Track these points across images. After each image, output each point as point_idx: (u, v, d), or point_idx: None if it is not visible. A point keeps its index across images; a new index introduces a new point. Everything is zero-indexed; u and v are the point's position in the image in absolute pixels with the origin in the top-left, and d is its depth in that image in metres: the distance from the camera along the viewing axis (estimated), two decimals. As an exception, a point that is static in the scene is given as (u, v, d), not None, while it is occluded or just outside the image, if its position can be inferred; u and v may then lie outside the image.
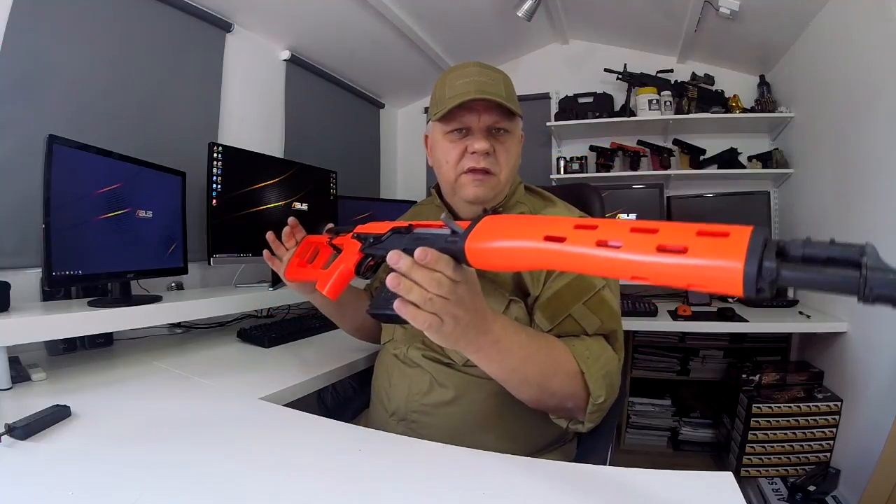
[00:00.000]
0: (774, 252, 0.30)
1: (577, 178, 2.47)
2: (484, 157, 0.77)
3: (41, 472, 0.55)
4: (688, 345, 2.24)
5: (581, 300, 0.73)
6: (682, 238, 0.32)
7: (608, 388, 0.67)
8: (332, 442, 0.64)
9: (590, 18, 2.40)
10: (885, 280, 0.27)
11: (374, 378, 0.93)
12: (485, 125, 0.77)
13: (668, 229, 0.34)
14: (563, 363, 0.66)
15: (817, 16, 1.81)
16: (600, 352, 0.71)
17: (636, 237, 0.34)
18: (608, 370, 0.69)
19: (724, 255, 0.30)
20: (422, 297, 0.49)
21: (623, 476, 0.52)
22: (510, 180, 0.83)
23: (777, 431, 1.73)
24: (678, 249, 0.32)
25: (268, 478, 0.54)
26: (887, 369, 1.43)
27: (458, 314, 0.51)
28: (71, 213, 0.97)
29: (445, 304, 0.50)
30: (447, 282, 0.49)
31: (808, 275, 0.29)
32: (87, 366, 1.01)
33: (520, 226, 0.43)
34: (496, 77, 0.79)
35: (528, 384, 0.64)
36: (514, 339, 0.60)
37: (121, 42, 1.41)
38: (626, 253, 0.34)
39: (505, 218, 0.48)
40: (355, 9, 1.87)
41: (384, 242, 0.63)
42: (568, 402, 0.67)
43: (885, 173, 1.48)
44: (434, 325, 0.50)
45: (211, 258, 1.38)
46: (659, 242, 0.33)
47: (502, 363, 0.61)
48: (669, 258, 0.32)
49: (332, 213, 1.85)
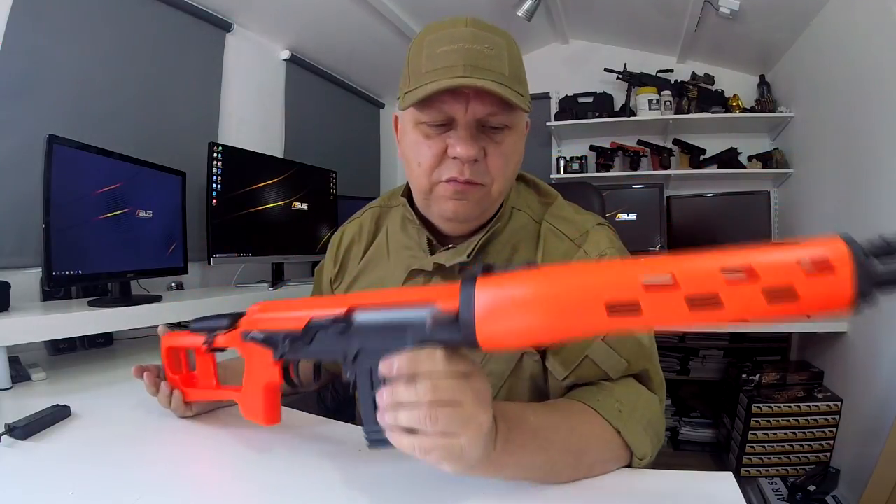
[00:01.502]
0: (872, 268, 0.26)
1: (577, 178, 2.47)
2: (470, 164, 0.55)
3: (41, 472, 0.55)
4: (688, 344, 2.24)
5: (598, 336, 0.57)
6: (788, 278, 0.27)
7: (653, 438, 0.53)
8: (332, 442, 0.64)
9: (590, 18, 2.40)
10: None
11: None
12: (474, 118, 0.54)
13: (765, 268, 0.28)
14: (592, 431, 0.50)
15: (817, 16, 1.81)
16: (635, 399, 0.55)
17: (738, 291, 0.28)
18: (649, 419, 0.54)
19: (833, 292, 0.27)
20: (423, 419, 0.34)
21: (623, 476, 0.52)
22: (505, 191, 0.61)
23: (777, 431, 1.73)
24: (789, 297, 0.28)
25: (268, 478, 0.54)
26: (887, 369, 1.43)
27: (481, 421, 0.36)
28: (71, 212, 0.97)
29: (455, 413, 0.35)
30: (447, 383, 0.35)
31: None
32: (87, 366, 1.01)
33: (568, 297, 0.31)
34: (498, 44, 0.56)
35: (557, 470, 0.48)
36: (524, 431, 0.45)
37: (121, 42, 1.41)
38: (730, 311, 0.28)
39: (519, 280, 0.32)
40: (355, 9, 1.87)
41: (312, 345, 0.44)
42: (610, 466, 0.52)
43: (886, 173, 1.48)
44: (448, 450, 0.35)
45: (211, 258, 1.38)
46: (763, 287, 0.28)
47: (518, 465, 0.44)
48: (781, 305, 0.28)
49: (332, 213, 1.85)
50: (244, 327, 0.53)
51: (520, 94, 0.56)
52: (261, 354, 0.51)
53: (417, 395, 0.34)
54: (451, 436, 0.35)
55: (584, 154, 2.53)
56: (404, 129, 0.62)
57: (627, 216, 2.31)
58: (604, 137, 2.52)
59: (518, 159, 0.61)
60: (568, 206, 0.68)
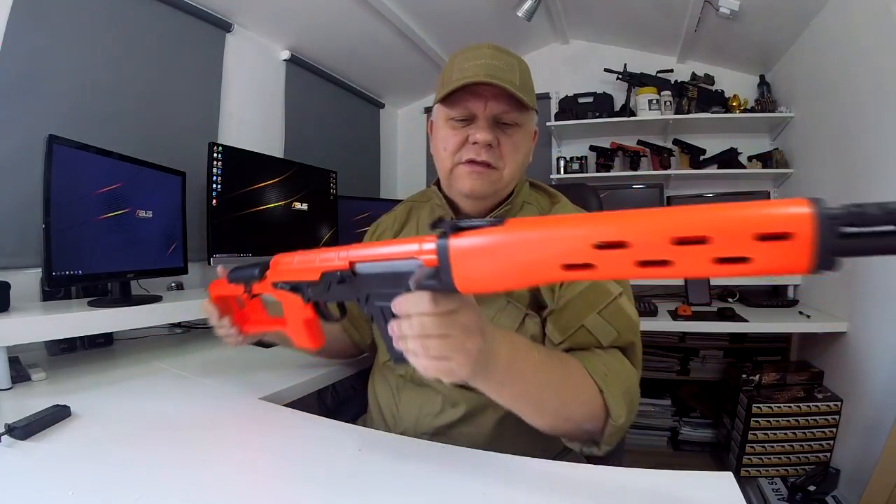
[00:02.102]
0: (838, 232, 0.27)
1: (577, 178, 2.47)
2: (486, 148, 0.69)
3: (41, 472, 0.55)
4: (688, 345, 2.24)
5: (595, 309, 0.66)
6: (742, 246, 0.29)
7: (629, 406, 0.61)
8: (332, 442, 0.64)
9: (590, 18, 2.40)
10: None
11: (376, 396, 0.84)
12: (491, 114, 0.70)
13: (721, 236, 0.29)
14: (581, 385, 0.59)
15: (817, 16, 1.81)
16: (619, 368, 0.64)
17: (686, 252, 0.30)
18: (628, 387, 0.62)
19: (791, 257, 0.28)
20: (417, 346, 0.43)
21: (623, 476, 0.52)
22: (515, 178, 0.75)
23: (777, 431, 1.73)
24: (739, 259, 0.29)
25: (268, 478, 0.54)
26: (887, 369, 1.43)
27: (468, 347, 0.44)
28: (71, 213, 0.97)
29: (444, 342, 0.43)
30: (431, 319, 0.42)
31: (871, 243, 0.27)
32: (87, 366, 1.01)
33: (524, 249, 0.36)
34: (511, 62, 0.70)
35: (544, 411, 0.57)
36: (527, 360, 0.53)
37: (121, 42, 1.41)
38: (679, 270, 0.30)
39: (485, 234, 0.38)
40: (355, 9, 1.87)
41: (330, 292, 0.54)
42: (586, 424, 0.60)
43: (886, 173, 1.48)
44: (441, 370, 0.44)
45: (211, 258, 1.38)
46: (715, 255, 0.29)
47: (514, 388, 0.53)
48: (730, 268, 0.29)
49: (333, 213, 1.85)
50: (272, 278, 0.63)
51: (527, 99, 0.69)
52: (292, 299, 0.61)
53: (412, 330, 0.43)
54: (443, 359, 0.44)
55: (584, 154, 2.53)
56: (437, 126, 0.76)
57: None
58: (604, 137, 2.52)
59: (526, 152, 0.75)
60: (572, 206, 0.80)
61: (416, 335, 0.43)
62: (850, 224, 0.27)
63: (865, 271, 1.58)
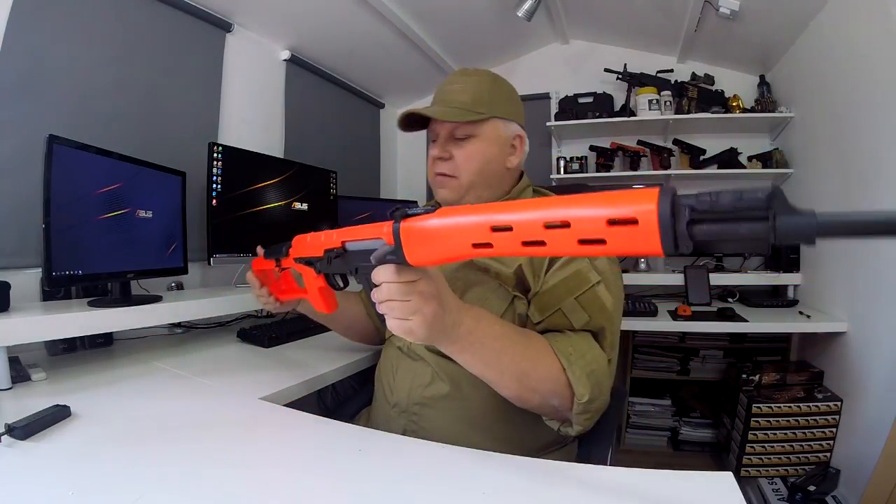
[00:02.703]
0: (685, 217, 0.32)
1: (577, 178, 2.47)
2: (440, 162, 0.83)
3: (41, 472, 0.55)
4: (688, 345, 2.24)
5: (573, 295, 0.72)
6: (597, 231, 0.35)
7: (594, 387, 0.65)
8: (332, 442, 0.64)
9: (590, 18, 2.40)
10: (791, 225, 0.29)
11: (379, 371, 0.93)
12: (445, 133, 0.83)
13: (579, 223, 0.36)
14: (542, 357, 0.65)
15: (817, 16, 1.81)
16: (586, 349, 0.69)
17: (556, 235, 0.37)
18: (594, 368, 0.67)
19: (640, 238, 0.33)
20: (386, 308, 0.53)
21: (623, 476, 0.52)
22: (475, 183, 0.83)
23: (777, 431, 1.73)
24: (597, 240, 0.35)
25: (268, 478, 0.54)
26: (887, 369, 1.43)
27: (424, 311, 0.52)
28: (71, 213, 0.97)
29: (405, 305, 0.52)
30: (394, 286, 0.52)
31: (721, 229, 0.32)
32: (87, 366, 1.01)
33: (447, 234, 0.46)
34: (467, 82, 0.82)
35: (507, 377, 0.64)
36: (488, 330, 0.61)
37: (121, 42, 1.41)
38: (553, 249, 0.38)
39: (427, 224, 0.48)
40: (355, 9, 1.87)
41: (331, 265, 0.67)
42: (552, 399, 0.66)
43: (886, 173, 1.48)
44: (403, 329, 0.53)
45: (211, 258, 1.38)
46: (578, 237, 0.36)
47: (475, 354, 0.61)
48: (592, 248, 0.36)
49: (333, 213, 1.85)
50: (293, 255, 0.79)
51: (478, 112, 0.80)
52: (308, 271, 0.76)
53: (380, 295, 0.53)
54: (404, 320, 0.53)
55: (584, 154, 2.53)
56: None
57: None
58: (604, 137, 2.52)
59: (482, 158, 0.82)
60: None
61: (385, 299, 0.53)
62: (696, 210, 0.32)
63: (865, 271, 1.58)
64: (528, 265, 0.77)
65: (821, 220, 0.29)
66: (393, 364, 0.88)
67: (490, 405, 0.77)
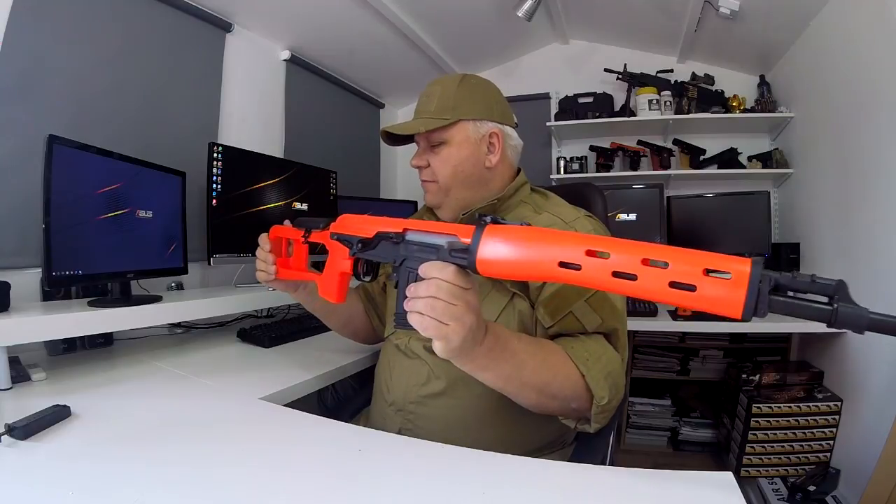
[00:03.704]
0: (768, 288, 0.36)
1: (577, 178, 2.47)
2: (421, 170, 0.87)
3: (41, 472, 0.55)
4: (688, 345, 2.24)
5: (583, 297, 0.72)
6: (692, 277, 0.37)
7: (611, 388, 0.66)
8: (332, 442, 0.64)
9: (590, 18, 2.40)
10: (849, 316, 0.35)
11: (377, 369, 0.93)
12: (424, 141, 0.86)
13: (678, 263, 0.38)
14: (560, 366, 0.66)
15: (817, 16, 1.81)
16: (601, 352, 0.69)
17: (650, 272, 0.38)
18: (610, 370, 0.68)
19: (728, 295, 0.36)
20: (425, 305, 0.50)
21: (623, 476, 0.52)
22: (451, 185, 0.85)
23: (777, 431, 1.73)
24: (688, 286, 0.37)
25: (268, 478, 0.54)
26: (887, 369, 1.43)
27: (465, 320, 0.51)
28: (71, 213, 0.97)
29: (449, 308, 0.50)
30: (446, 286, 0.50)
31: (792, 306, 0.37)
32: (87, 366, 1.01)
33: (532, 242, 0.45)
34: (433, 91, 0.84)
35: (527, 389, 0.63)
36: (507, 345, 0.60)
37: (121, 42, 1.41)
38: (641, 286, 0.39)
39: (511, 231, 0.48)
40: (355, 9, 1.87)
41: (376, 249, 0.64)
42: (572, 403, 0.67)
43: (886, 173, 1.48)
44: (439, 332, 0.50)
45: (211, 258, 1.38)
46: (671, 278, 0.38)
47: (497, 370, 0.60)
48: (679, 293, 0.37)
49: (333, 213, 1.85)
50: (333, 230, 0.74)
51: (443, 118, 0.82)
52: (341, 250, 0.72)
53: (427, 290, 0.50)
54: (442, 323, 0.50)
55: (584, 154, 2.53)
56: None
57: (627, 216, 2.30)
58: (604, 137, 2.52)
59: (455, 161, 0.84)
60: (564, 201, 0.88)
61: (429, 294, 0.50)
62: (780, 284, 0.36)
63: (865, 272, 1.58)
64: None
65: (872, 318, 0.35)
66: (390, 362, 0.88)
67: (485, 405, 0.77)
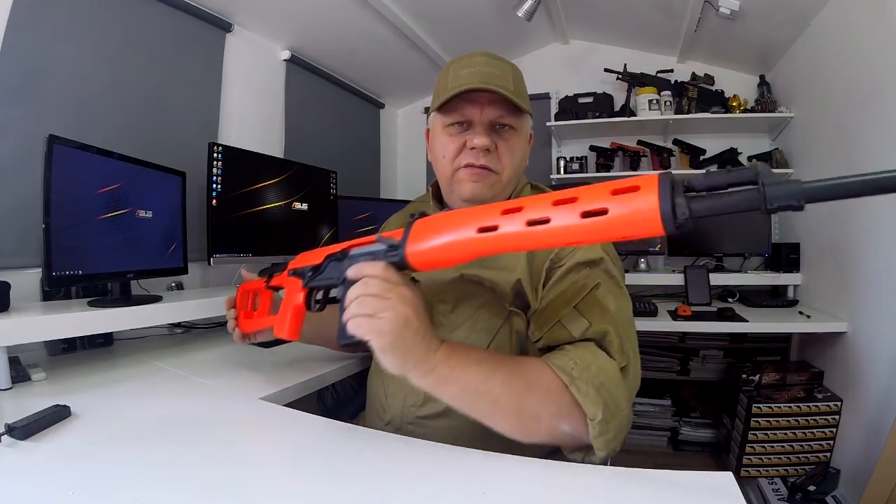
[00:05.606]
0: (682, 190, 0.35)
1: (578, 179, 2.47)
2: (484, 153, 0.71)
3: (41, 472, 0.55)
4: (688, 345, 2.24)
5: (572, 304, 0.65)
6: (601, 200, 0.37)
7: (607, 402, 0.56)
8: (332, 442, 0.64)
9: (590, 18, 2.40)
10: (780, 191, 0.32)
11: (369, 387, 0.88)
12: (487, 119, 0.71)
13: (586, 195, 0.38)
14: (537, 376, 0.57)
15: (817, 16, 1.81)
16: (590, 360, 0.59)
17: (561, 210, 0.38)
18: (602, 381, 0.57)
19: (640, 205, 0.35)
20: (357, 305, 0.49)
21: (623, 476, 0.52)
22: (513, 181, 0.76)
23: (777, 431, 1.73)
24: (600, 211, 0.36)
25: (268, 478, 0.54)
26: (887, 369, 1.43)
27: (398, 309, 0.48)
28: (71, 213, 0.97)
29: (380, 301, 0.48)
30: (374, 281, 0.49)
31: (716, 202, 0.34)
32: (87, 366, 1.01)
33: (452, 222, 0.46)
34: (505, 68, 0.73)
35: (500, 407, 0.55)
36: (469, 353, 0.55)
37: (121, 42, 1.41)
38: (556, 224, 0.38)
39: (435, 217, 0.48)
40: (355, 9, 1.87)
41: (324, 272, 0.62)
42: (561, 425, 0.56)
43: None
44: (371, 327, 0.48)
45: (211, 258, 1.38)
46: (581, 209, 0.37)
47: (460, 381, 0.54)
48: (594, 220, 0.37)
49: (333, 213, 1.85)
50: (290, 267, 0.72)
51: (522, 103, 0.72)
52: (295, 284, 0.69)
53: (356, 290, 0.50)
54: (374, 317, 0.48)
55: (584, 154, 2.53)
56: (434, 135, 0.78)
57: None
58: (604, 137, 2.52)
59: (522, 156, 0.77)
60: None
61: (359, 293, 0.49)
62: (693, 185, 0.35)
63: (865, 271, 1.58)
64: (527, 279, 0.70)
65: (806, 186, 0.32)
66: (384, 381, 0.81)
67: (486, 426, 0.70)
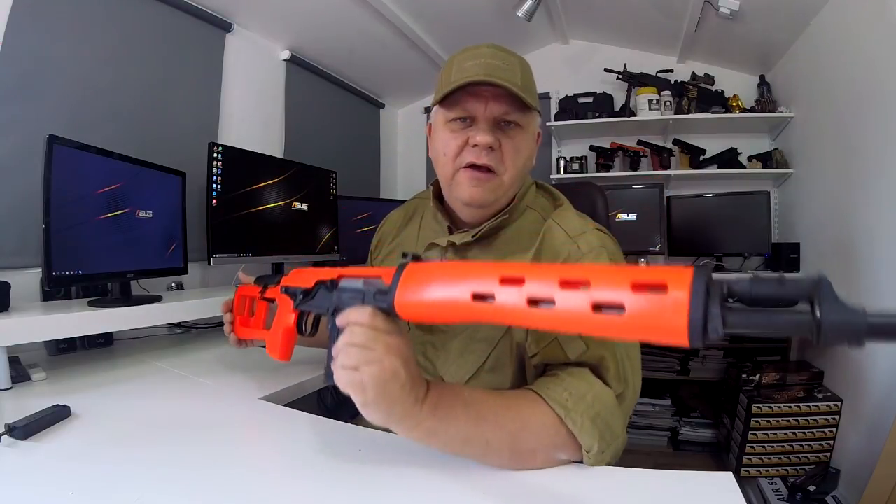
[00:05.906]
0: (719, 298, 0.28)
1: (577, 178, 2.47)
2: (487, 151, 0.66)
3: (41, 472, 0.55)
4: (688, 345, 2.24)
5: None
6: (617, 292, 0.30)
7: (603, 433, 0.53)
8: (332, 442, 0.64)
9: (590, 18, 2.40)
10: (839, 322, 0.25)
11: None
12: (492, 115, 0.66)
13: (600, 279, 0.31)
14: (532, 414, 0.54)
15: (817, 16, 1.81)
16: (585, 390, 0.56)
17: (569, 295, 0.32)
18: (597, 411, 0.54)
19: (666, 310, 0.28)
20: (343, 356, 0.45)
21: (623, 476, 0.52)
22: (516, 183, 0.71)
23: (777, 431, 1.73)
24: (615, 306, 0.30)
25: (268, 478, 0.54)
26: (887, 369, 1.43)
27: (384, 363, 0.44)
28: (71, 213, 0.97)
29: (364, 353, 0.44)
30: (360, 330, 0.44)
31: (758, 319, 0.28)
32: (87, 366, 1.01)
33: (446, 276, 0.40)
34: (512, 61, 0.68)
35: (492, 449, 0.52)
36: (456, 398, 0.51)
37: (121, 42, 1.41)
38: (561, 309, 0.33)
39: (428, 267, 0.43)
40: (355, 8, 1.87)
41: (314, 299, 0.59)
42: (558, 455, 0.55)
43: (885, 173, 1.48)
44: (352, 382, 0.44)
45: (211, 258, 1.38)
46: (593, 300, 0.31)
47: (448, 433, 0.50)
48: (607, 317, 0.30)
49: (333, 213, 1.85)
50: (283, 283, 0.68)
51: (529, 99, 0.67)
52: (287, 303, 0.66)
53: (342, 339, 0.45)
54: (357, 370, 0.44)
55: (584, 154, 2.53)
56: (436, 130, 0.74)
57: (627, 216, 2.31)
58: (604, 137, 2.52)
59: (528, 155, 0.72)
60: (574, 211, 0.75)
61: (344, 343, 0.45)
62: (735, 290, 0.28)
63: (865, 271, 1.58)
64: None
65: (871, 321, 0.25)
66: None
67: None
